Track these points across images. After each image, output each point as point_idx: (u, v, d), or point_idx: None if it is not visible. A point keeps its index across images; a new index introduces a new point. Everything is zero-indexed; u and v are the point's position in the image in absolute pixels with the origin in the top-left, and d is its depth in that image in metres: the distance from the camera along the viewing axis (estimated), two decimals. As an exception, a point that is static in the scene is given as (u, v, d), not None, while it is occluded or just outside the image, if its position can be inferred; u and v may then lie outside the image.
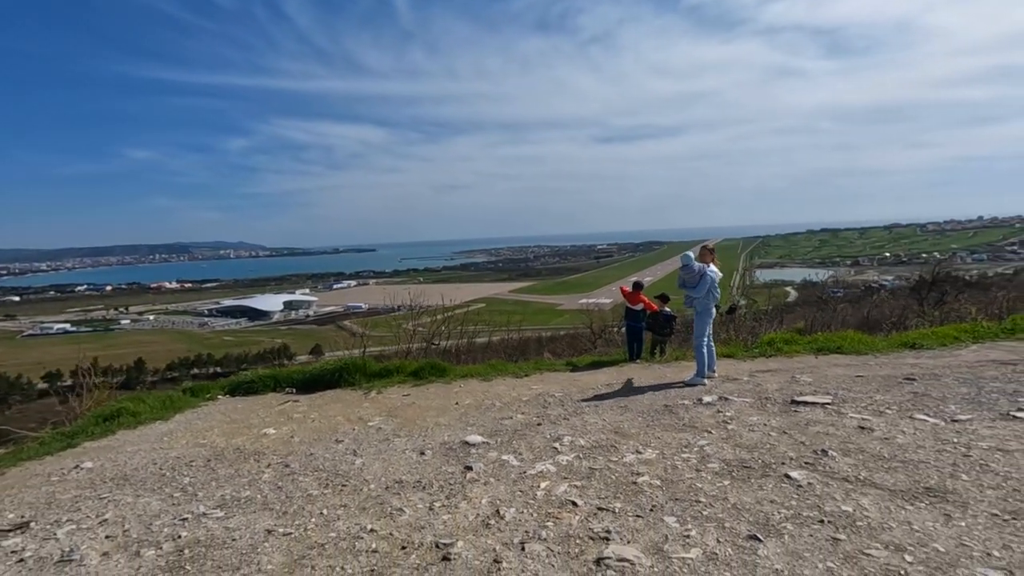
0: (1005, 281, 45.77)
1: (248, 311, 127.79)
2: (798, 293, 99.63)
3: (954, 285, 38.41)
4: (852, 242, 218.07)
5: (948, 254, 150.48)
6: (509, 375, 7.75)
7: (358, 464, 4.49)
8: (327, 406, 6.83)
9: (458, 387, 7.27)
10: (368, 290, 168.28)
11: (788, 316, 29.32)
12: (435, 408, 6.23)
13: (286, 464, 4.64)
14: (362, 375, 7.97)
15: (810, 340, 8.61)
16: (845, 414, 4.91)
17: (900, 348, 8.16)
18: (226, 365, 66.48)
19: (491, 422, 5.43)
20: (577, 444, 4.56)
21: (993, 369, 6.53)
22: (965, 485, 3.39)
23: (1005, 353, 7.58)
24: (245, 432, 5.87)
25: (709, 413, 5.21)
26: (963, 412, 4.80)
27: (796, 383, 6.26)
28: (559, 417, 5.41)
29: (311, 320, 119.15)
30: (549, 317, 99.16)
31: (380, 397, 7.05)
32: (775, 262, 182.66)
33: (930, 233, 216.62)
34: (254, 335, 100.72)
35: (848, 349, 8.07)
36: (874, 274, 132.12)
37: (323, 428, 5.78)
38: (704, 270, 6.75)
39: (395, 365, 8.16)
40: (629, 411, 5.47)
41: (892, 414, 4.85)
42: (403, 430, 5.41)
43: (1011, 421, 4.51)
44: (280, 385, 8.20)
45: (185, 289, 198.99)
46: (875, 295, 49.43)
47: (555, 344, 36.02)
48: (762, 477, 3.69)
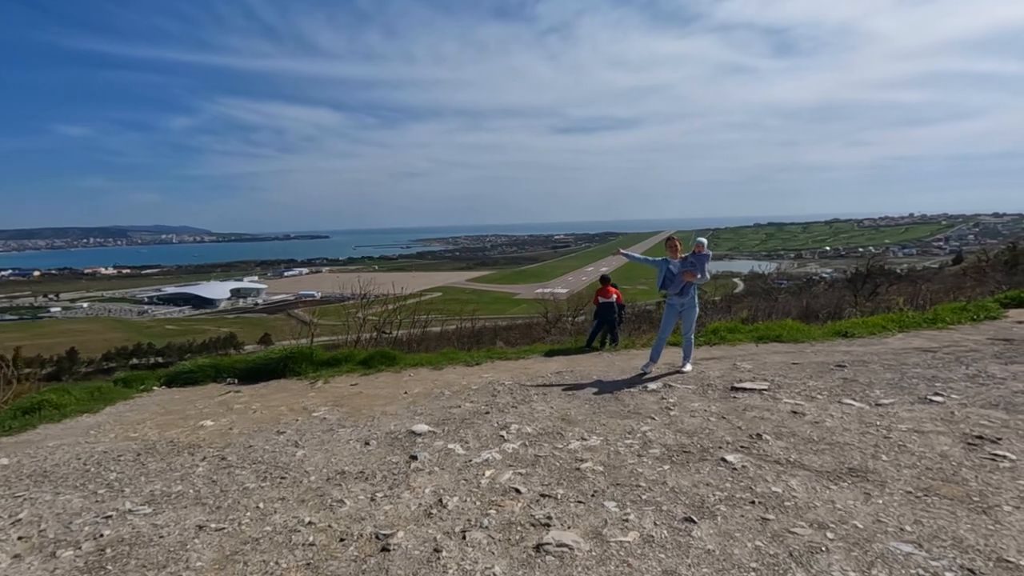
0: (931, 274, 48.99)
1: (192, 299, 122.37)
2: (745, 284, 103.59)
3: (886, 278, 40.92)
4: (796, 236, 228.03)
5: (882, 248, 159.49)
6: (460, 363, 7.71)
7: (299, 455, 4.37)
8: (271, 396, 6.62)
9: (408, 376, 7.18)
10: (321, 278, 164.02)
11: (735, 306, 30.44)
12: (383, 397, 6.13)
13: (223, 457, 4.46)
14: (309, 364, 7.76)
15: (752, 329, 8.94)
16: (780, 399, 5.12)
17: (834, 337, 8.58)
18: (168, 355, 63.58)
19: (439, 411, 5.38)
20: (524, 432, 4.58)
21: (916, 356, 6.96)
22: (884, 465, 3.59)
23: (926, 341, 8.09)
24: (181, 424, 5.62)
25: (653, 400, 5.34)
26: (886, 396, 5.09)
27: (737, 370, 6.49)
28: (507, 405, 5.42)
29: (260, 308, 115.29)
30: (506, 306, 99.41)
31: (327, 387, 6.88)
32: (724, 254, 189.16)
33: (866, 228, 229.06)
34: (199, 324, 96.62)
35: (787, 338, 8.43)
36: (815, 266, 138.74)
37: (265, 419, 5.59)
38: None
39: (344, 354, 7.98)
40: (577, 398, 5.54)
41: (823, 399, 5.09)
42: (348, 420, 5.30)
43: (928, 405, 4.81)
44: (222, 375, 7.90)
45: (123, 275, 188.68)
46: (815, 286, 51.91)
47: (510, 333, 36.22)
48: (700, 461, 3.80)
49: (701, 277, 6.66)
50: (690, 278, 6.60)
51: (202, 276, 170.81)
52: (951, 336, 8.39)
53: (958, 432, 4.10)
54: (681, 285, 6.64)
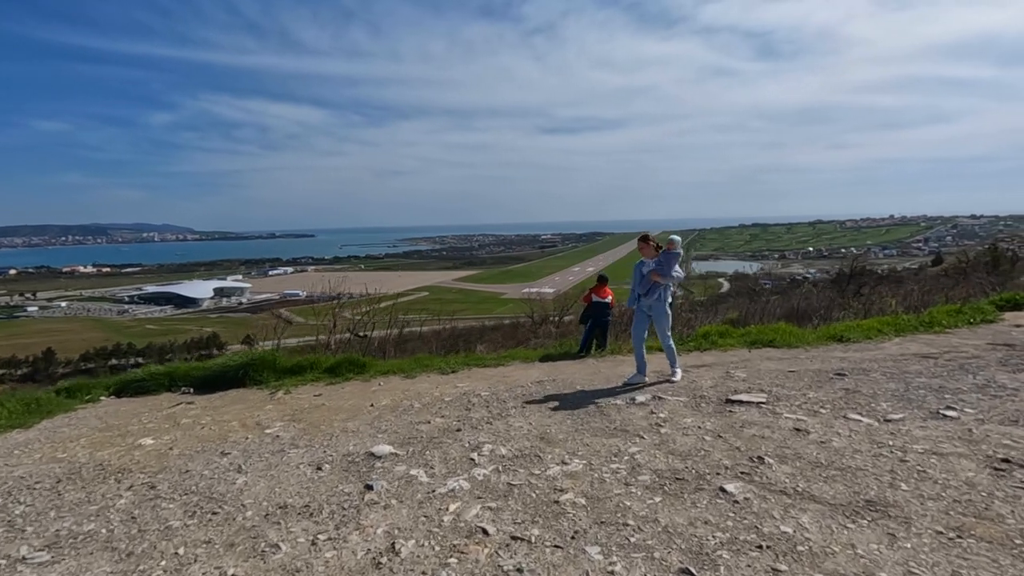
0: (912, 275, 49.47)
1: (174, 298, 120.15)
2: (731, 284, 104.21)
3: (870, 278, 41.13)
4: (780, 236, 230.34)
5: (863, 249, 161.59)
6: (435, 371, 7.18)
7: (240, 483, 3.82)
8: (224, 408, 6.04)
9: (377, 385, 6.64)
10: (306, 277, 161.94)
11: (722, 306, 30.21)
12: (346, 410, 5.59)
13: (152, 485, 3.90)
14: (271, 372, 7.19)
15: (743, 333, 8.53)
16: (780, 414, 4.67)
17: (828, 341, 8.20)
18: (149, 355, 62.10)
19: (406, 427, 4.86)
20: (498, 454, 4.08)
21: (916, 363, 6.58)
22: (906, 496, 3.14)
23: (924, 346, 7.73)
24: (118, 443, 5.03)
25: (642, 414, 4.86)
26: (895, 411, 4.67)
27: (731, 379, 6.05)
28: (482, 421, 4.91)
29: (244, 308, 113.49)
30: (493, 306, 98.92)
31: (288, 398, 6.32)
32: (710, 254, 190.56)
33: (849, 229, 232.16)
34: (181, 323, 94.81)
35: (780, 342, 8.02)
36: (799, 267, 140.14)
37: (212, 436, 5.02)
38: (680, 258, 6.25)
39: (310, 361, 7.42)
40: (558, 412, 5.05)
41: (826, 413, 4.65)
42: (304, 438, 4.76)
43: (941, 420, 4.39)
44: (176, 384, 7.29)
45: (103, 274, 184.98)
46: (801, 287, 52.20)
47: (494, 334, 35.71)
48: (696, 491, 3.32)
49: (667, 277, 6.10)
50: (656, 278, 6.08)
51: (185, 275, 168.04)
52: (949, 341, 8.03)
53: (981, 455, 3.67)
54: (648, 285, 6.12)
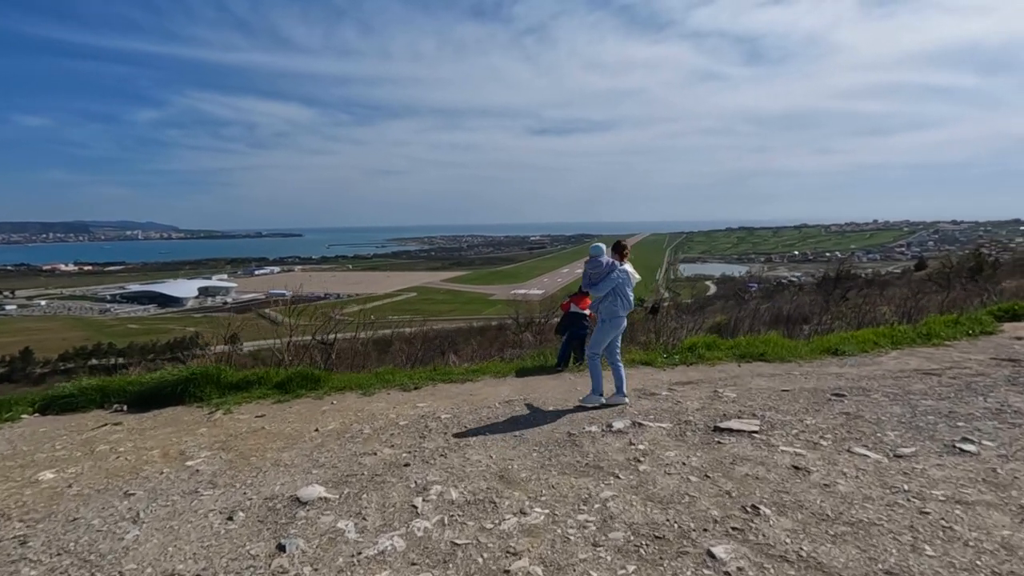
0: (895, 279, 49.48)
1: (158, 297, 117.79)
2: (718, 287, 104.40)
3: (855, 282, 40.87)
4: (766, 240, 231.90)
5: (848, 253, 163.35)
6: (396, 387, 6.52)
7: (129, 539, 3.15)
8: (152, 432, 5.34)
9: (329, 404, 5.97)
10: (293, 276, 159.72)
11: (709, 309, 29.69)
12: (287, 436, 4.92)
13: (24, 540, 3.21)
14: (215, 387, 6.48)
15: (732, 345, 7.97)
16: (776, 446, 4.09)
17: (823, 354, 7.67)
18: (130, 355, 60.58)
19: (347, 460, 4.21)
20: (447, 499, 3.44)
21: (919, 381, 6.06)
22: (932, 567, 2.56)
23: (925, 361, 7.23)
24: (14, 476, 4.32)
25: (619, 445, 4.25)
26: (905, 443, 4.11)
27: (719, 399, 5.47)
28: (436, 452, 4.27)
29: (229, 307, 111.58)
30: (481, 307, 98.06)
31: (226, 419, 5.63)
32: (697, 257, 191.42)
33: (833, 233, 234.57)
34: (164, 323, 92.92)
35: (771, 356, 7.47)
36: (784, 270, 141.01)
37: (124, 469, 4.34)
38: (612, 266, 5.47)
39: (258, 375, 6.72)
40: (524, 442, 4.43)
41: (828, 446, 4.08)
42: (227, 474, 4.09)
43: (958, 456, 3.84)
44: (109, 400, 6.56)
45: (84, 272, 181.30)
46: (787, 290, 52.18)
47: (478, 338, 34.97)
48: (678, 556, 2.72)
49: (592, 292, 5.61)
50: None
51: (169, 274, 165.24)
52: (950, 355, 7.55)
53: (1014, 504, 3.11)
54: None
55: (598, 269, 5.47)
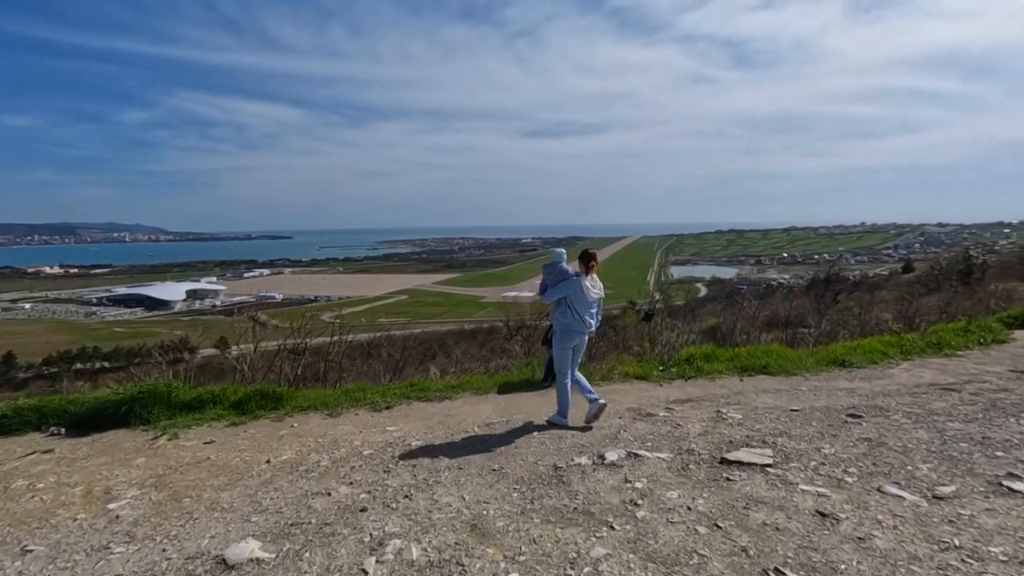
0: (883, 281, 49.36)
1: (145, 300, 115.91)
2: (708, 289, 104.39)
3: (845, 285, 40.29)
4: (756, 242, 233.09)
5: (836, 255, 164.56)
6: (366, 406, 5.90)
7: (3, 620, 2.53)
8: (83, 462, 4.69)
9: (289, 427, 5.35)
10: (283, 279, 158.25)
11: (700, 311, 29.27)
12: (232, 469, 4.30)
13: None
14: (164, 408, 5.83)
15: (733, 356, 7.43)
16: (794, 485, 3.52)
17: (829, 366, 7.15)
18: (116, 359, 59.26)
19: (294, 504, 3.59)
20: (405, 558, 2.84)
21: (939, 398, 5.54)
22: (1016, 666, 2.00)
23: (939, 374, 6.73)
24: (-96, 522, 3.67)
25: (613, 483, 3.67)
26: (941, 478, 3.56)
27: (723, 422, 4.91)
28: (400, 492, 3.66)
29: (218, 310, 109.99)
30: (472, 309, 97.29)
31: (170, 446, 4.99)
32: (688, 259, 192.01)
33: (822, 236, 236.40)
34: (151, 326, 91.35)
35: (775, 368, 6.94)
36: (774, 272, 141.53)
37: (32, 514, 3.69)
38: (567, 275, 5.04)
39: (214, 393, 6.07)
40: (503, 478, 3.83)
41: (854, 484, 3.52)
42: (150, 522, 3.46)
43: (1008, 498, 3.29)
44: (47, 421, 5.89)
45: (70, 275, 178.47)
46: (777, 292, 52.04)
47: (467, 343, 34.42)
48: (689, 649, 2.14)
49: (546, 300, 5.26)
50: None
51: (156, 276, 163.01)
52: (965, 366, 7.05)
53: (1092, 568, 2.56)
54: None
55: (553, 277, 5.10)
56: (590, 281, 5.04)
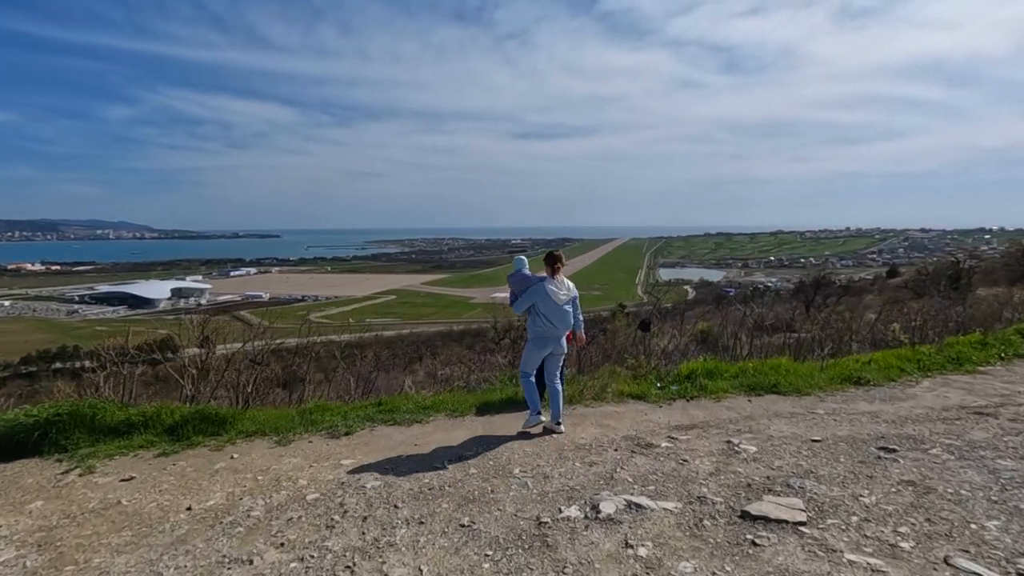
0: (868, 285, 49.35)
1: (128, 298, 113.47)
2: (696, 291, 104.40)
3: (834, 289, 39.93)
4: (743, 245, 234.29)
5: (822, 259, 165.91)
6: (323, 431, 5.11)
7: None
8: (-32, 506, 3.86)
9: (227, 459, 4.54)
10: (270, 278, 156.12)
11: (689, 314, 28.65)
12: (143, 519, 3.49)
13: None
14: (87, 433, 4.99)
15: (738, 372, 6.73)
16: (838, 553, 2.80)
17: (844, 384, 6.47)
18: (96, 359, 57.42)
19: (205, 574, 2.81)
20: (330, 675, 2.08)
21: (975, 426, 4.87)
22: None
23: (966, 393, 6.08)
24: None
25: (610, 548, 2.92)
26: (1016, 542, 2.86)
27: (736, 456, 4.19)
28: (340, 560, 2.89)
29: (203, 309, 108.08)
30: (461, 310, 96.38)
31: (80, 483, 4.17)
32: (676, 261, 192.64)
33: (808, 240, 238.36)
34: (133, 325, 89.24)
35: (785, 386, 6.24)
36: (761, 275, 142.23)
37: None
38: (530, 281, 5.00)
39: (148, 414, 5.23)
40: (474, 537, 3.07)
41: (912, 552, 2.80)
42: (11, 603, 2.67)
43: (1111, 573, 2.59)
44: (-52, 448, 5.03)
45: (52, 272, 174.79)
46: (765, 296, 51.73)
47: (455, 347, 33.51)
48: None
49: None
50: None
51: (141, 274, 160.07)
52: (992, 385, 6.41)
53: None
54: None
55: (518, 285, 5.06)
56: (555, 284, 4.93)
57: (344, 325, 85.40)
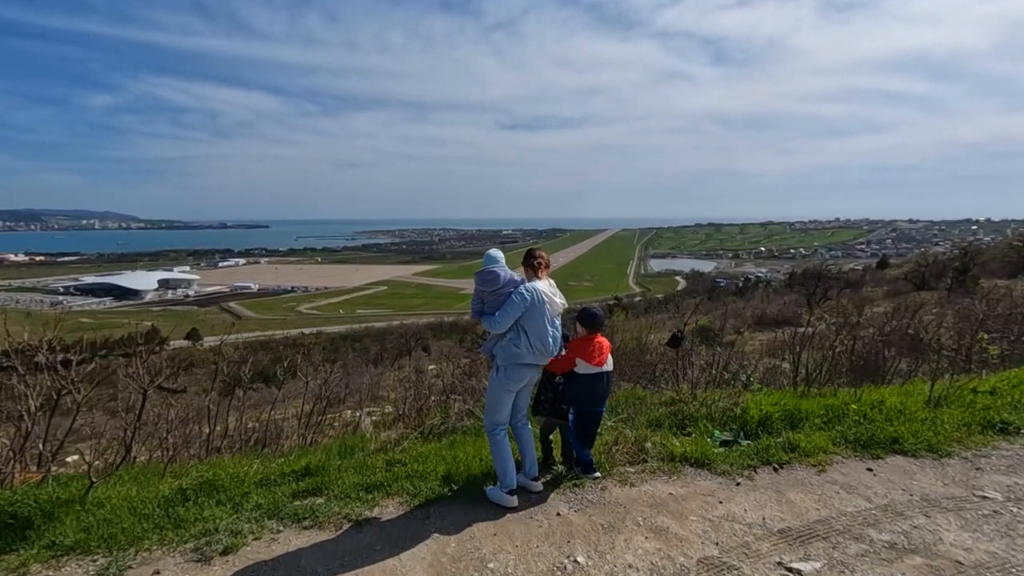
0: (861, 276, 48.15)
1: (114, 289, 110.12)
2: (687, 282, 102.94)
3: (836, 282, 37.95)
4: (733, 236, 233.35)
5: (811, 250, 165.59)
6: (189, 543, 3.01)
7: None
8: None
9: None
10: (259, 269, 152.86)
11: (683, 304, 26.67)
12: None
13: None
14: None
15: (827, 414, 4.67)
16: None
17: (987, 432, 4.47)
18: (80, 352, 54.94)
19: None
20: None
21: None
22: None
23: None
24: None
25: None
26: None
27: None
28: None
29: (191, 301, 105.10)
30: (451, 301, 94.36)
31: None
32: (666, 252, 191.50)
33: (797, 231, 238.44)
34: (119, 317, 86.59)
35: (909, 440, 4.18)
36: (751, 266, 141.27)
37: None
38: (513, 283, 3.51)
39: None
40: None
41: None
42: None
43: None
44: None
45: (35, 263, 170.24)
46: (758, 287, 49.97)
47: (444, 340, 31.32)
48: None
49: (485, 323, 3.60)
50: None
51: (127, 265, 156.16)
52: None
53: None
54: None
55: (493, 287, 3.51)
56: (548, 285, 3.57)
57: (335, 316, 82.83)
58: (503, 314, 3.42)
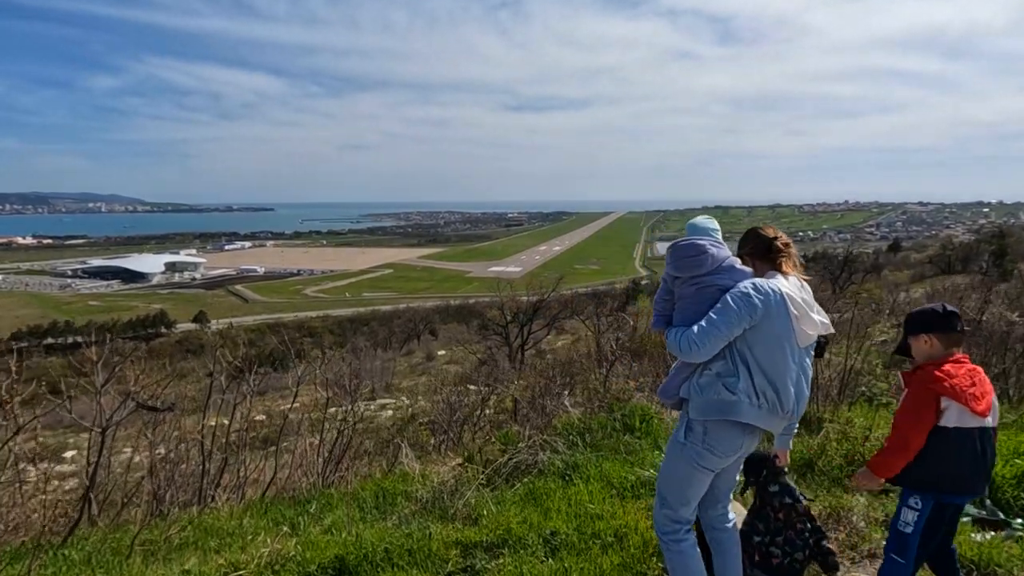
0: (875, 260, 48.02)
1: (122, 272, 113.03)
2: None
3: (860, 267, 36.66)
4: (740, 219, 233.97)
5: (820, 233, 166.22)
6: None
7: None
8: None
9: None
10: (265, 252, 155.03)
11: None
12: None
13: None
14: None
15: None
16: None
17: None
18: (89, 334, 57.64)
19: None
20: None
21: None
22: None
23: None
24: None
25: None
26: None
27: None
28: None
29: (197, 284, 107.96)
30: (458, 284, 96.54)
31: None
32: (674, 235, 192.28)
33: (805, 214, 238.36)
34: (127, 300, 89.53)
35: None
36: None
37: None
38: (732, 272, 2.24)
39: None
40: None
41: None
42: None
43: None
44: None
45: (43, 246, 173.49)
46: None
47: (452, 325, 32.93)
48: None
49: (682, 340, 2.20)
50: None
51: (134, 248, 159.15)
52: None
53: None
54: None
55: (694, 271, 2.23)
56: (800, 288, 2.21)
57: (341, 300, 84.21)
58: (710, 327, 2.06)
